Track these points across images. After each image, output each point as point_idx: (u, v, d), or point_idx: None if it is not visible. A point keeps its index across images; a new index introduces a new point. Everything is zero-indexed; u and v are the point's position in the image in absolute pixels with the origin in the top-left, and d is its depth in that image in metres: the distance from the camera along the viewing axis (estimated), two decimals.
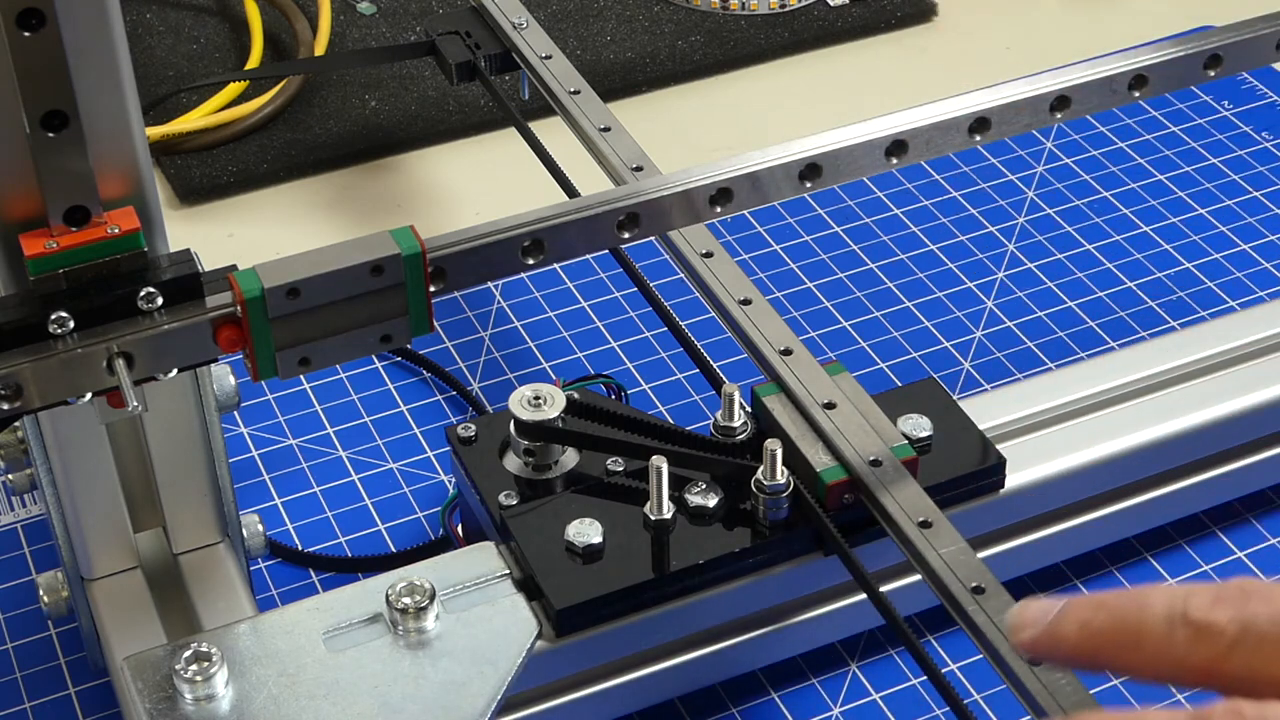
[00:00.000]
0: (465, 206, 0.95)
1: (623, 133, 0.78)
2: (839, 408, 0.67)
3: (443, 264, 0.57)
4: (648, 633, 0.65)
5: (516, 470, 0.68)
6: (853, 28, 1.08)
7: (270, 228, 0.94)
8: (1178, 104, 1.02)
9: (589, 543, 0.64)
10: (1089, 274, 0.90)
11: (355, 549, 0.76)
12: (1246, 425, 0.74)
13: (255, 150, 0.98)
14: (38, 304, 0.54)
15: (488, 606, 0.63)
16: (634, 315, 0.88)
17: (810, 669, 0.71)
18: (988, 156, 0.98)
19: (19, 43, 0.51)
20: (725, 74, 1.05)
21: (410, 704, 0.60)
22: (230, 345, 0.55)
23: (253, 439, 0.81)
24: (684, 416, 0.82)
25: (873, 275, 0.90)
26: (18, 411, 0.54)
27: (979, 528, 0.68)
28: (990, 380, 0.84)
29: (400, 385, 0.84)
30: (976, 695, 0.69)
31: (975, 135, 0.64)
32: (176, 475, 0.66)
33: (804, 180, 0.62)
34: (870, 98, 1.03)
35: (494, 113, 1.00)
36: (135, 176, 0.57)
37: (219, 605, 0.67)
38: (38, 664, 0.72)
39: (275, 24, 1.07)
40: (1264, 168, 0.97)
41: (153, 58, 1.05)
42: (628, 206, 0.60)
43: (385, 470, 0.80)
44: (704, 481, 0.66)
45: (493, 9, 0.87)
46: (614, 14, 1.08)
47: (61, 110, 0.53)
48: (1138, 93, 0.66)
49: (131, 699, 0.60)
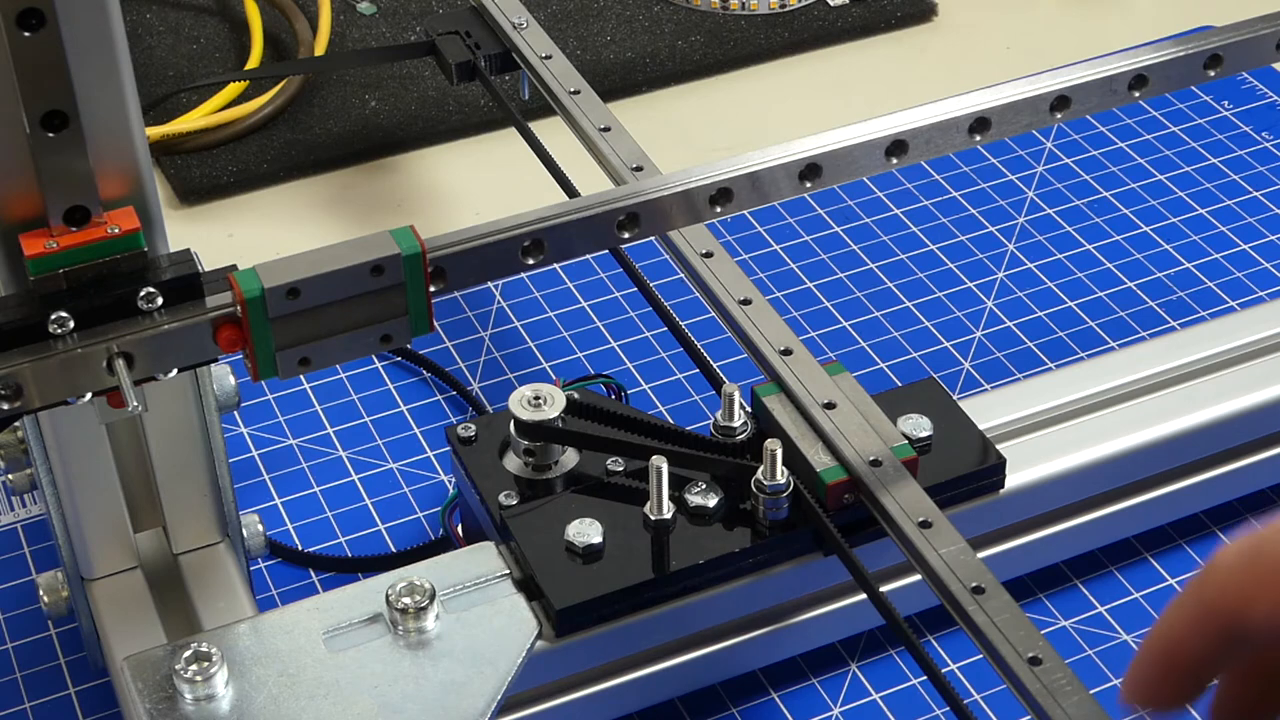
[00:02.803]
0: (465, 206, 0.95)
1: (623, 133, 0.78)
2: (839, 408, 0.67)
3: (443, 264, 0.57)
4: (648, 633, 0.65)
5: (516, 470, 0.68)
6: (853, 28, 1.08)
7: (270, 228, 0.94)
8: (1178, 104, 1.02)
9: (589, 543, 0.64)
10: (1089, 274, 0.90)
11: (355, 549, 0.76)
12: (1246, 425, 0.74)
13: (255, 150, 0.98)
14: (38, 304, 0.54)
15: (488, 606, 0.63)
16: (634, 315, 0.88)
17: (810, 669, 0.71)
18: (988, 156, 0.98)
19: (19, 43, 0.51)
20: (725, 74, 1.05)
21: (410, 704, 0.60)
22: (230, 345, 0.55)
23: (253, 439, 0.81)
24: (684, 416, 0.82)
25: (873, 275, 0.90)
26: (18, 411, 0.54)
27: (979, 528, 0.69)
28: (990, 380, 0.84)
29: (400, 385, 0.84)
30: (976, 695, 0.69)
31: (975, 135, 0.64)
32: (176, 475, 0.66)
33: (804, 180, 0.62)
34: (870, 98, 1.03)
35: (494, 113, 1.00)
36: (135, 176, 0.57)
37: (219, 605, 0.67)
38: (38, 664, 0.72)
39: (275, 24, 1.07)
40: (1264, 168, 0.97)
41: (153, 58, 1.05)
42: (628, 206, 0.60)
43: (385, 470, 0.80)
44: (704, 481, 0.66)
45: (493, 9, 0.87)
46: (614, 14, 1.08)
47: (61, 110, 0.53)
48: (1138, 93, 0.66)
49: (131, 699, 0.60)
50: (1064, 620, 0.72)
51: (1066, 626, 0.72)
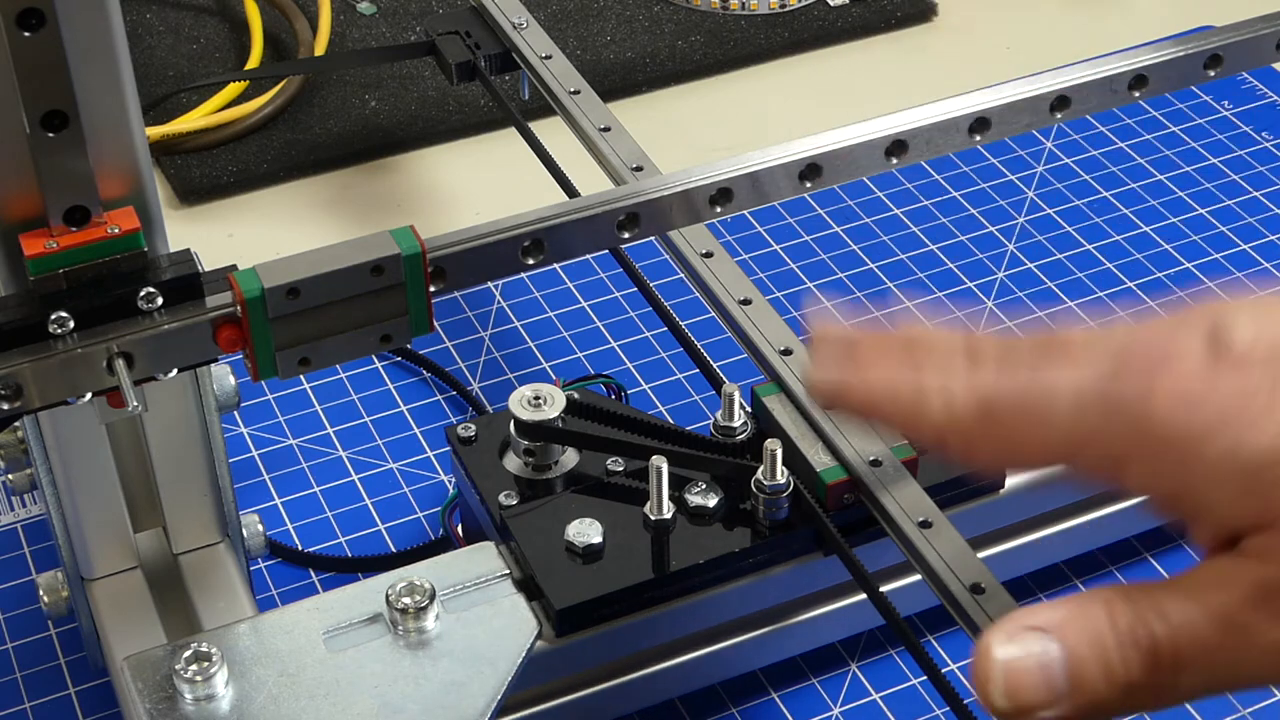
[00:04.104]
0: (465, 206, 0.95)
1: (623, 133, 0.78)
2: None
3: (443, 264, 0.57)
4: (648, 633, 0.65)
5: (516, 470, 0.68)
6: (853, 28, 1.08)
7: (270, 228, 0.94)
8: (1178, 104, 1.02)
9: (589, 543, 0.64)
10: (1089, 274, 0.90)
11: (355, 549, 0.76)
12: None
13: (255, 150, 0.98)
14: (38, 304, 0.54)
15: (488, 606, 0.63)
16: (634, 315, 0.88)
17: (810, 669, 0.71)
18: (988, 156, 0.98)
19: (19, 43, 0.51)
20: (725, 74, 1.05)
21: (410, 704, 0.60)
22: (230, 345, 0.55)
23: (253, 439, 0.81)
24: (684, 416, 0.82)
25: (873, 275, 0.90)
26: (18, 411, 0.54)
27: (979, 528, 0.68)
28: None
29: (400, 385, 0.84)
30: (977, 695, 0.69)
31: (975, 135, 0.64)
32: (176, 475, 0.66)
33: (804, 180, 0.62)
34: (870, 98, 1.03)
35: (494, 113, 1.00)
36: (135, 176, 0.57)
37: (219, 605, 0.67)
38: (38, 664, 0.72)
39: (275, 24, 1.07)
40: (1264, 168, 0.97)
41: (153, 58, 1.05)
42: (628, 206, 0.60)
43: (385, 470, 0.80)
44: (704, 481, 0.66)
45: (493, 9, 0.87)
46: (614, 14, 1.08)
47: (61, 110, 0.53)
48: (1138, 93, 0.66)
49: (131, 699, 0.60)
50: None
51: None
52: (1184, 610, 0.44)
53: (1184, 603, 0.45)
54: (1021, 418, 0.47)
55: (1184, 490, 0.45)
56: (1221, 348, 0.45)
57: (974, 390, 0.48)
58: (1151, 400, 0.45)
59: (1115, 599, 0.45)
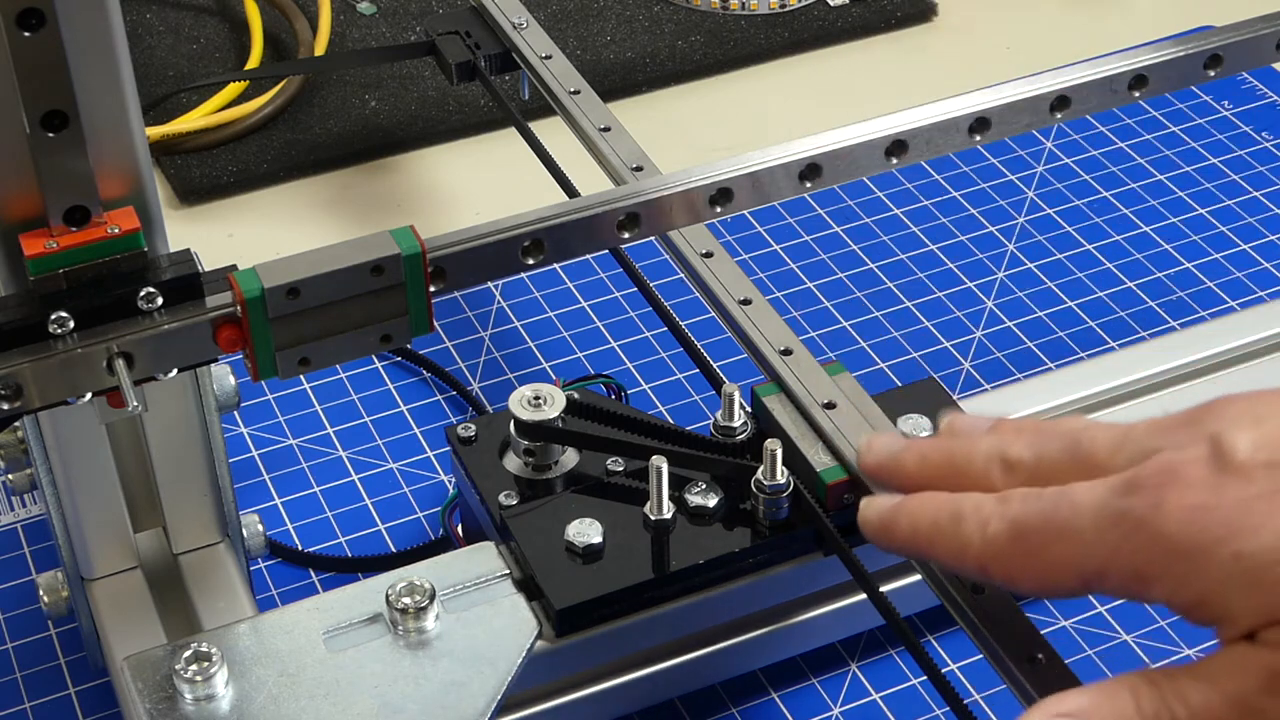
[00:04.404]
0: (465, 206, 0.95)
1: (623, 133, 0.78)
2: (839, 408, 0.67)
3: (443, 264, 0.57)
4: (648, 633, 0.65)
5: (516, 470, 0.68)
6: (853, 28, 1.08)
7: (270, 228, 0.94)
8: (1178, 104, 1.02)
9: (589, 543, 0.64)
10: (1089, 274, 0.90)
11: (355, 549, 0.76)
12: None
13: (255, 150, 0.98)
14: (38, 304, 0.54)
15: (488, 606, 0.63)
16: (634, 315, 0.88)
17: (810, 669, 0.71)
18: (988, 156, 0.98)
19: (19, 43, 0.51)
20: (725, 74, 1.05)
21: (410, 704, 0.60)
22: (230, 345, 0.55)
23: (253, 439, 0.81)
24: (684, 416, 0.82)
25: (873, 275, 0.90)
26: (18, 411, 0.54)
27: None
28: (990, 380, 0.84)
29: (400, 385, 0.84)
30: (976, 695, 0.69)
31: (975, 135, 0.64)
32: (176, 475, 0.66)
33: (804, 180, 0.62)
34: (870, 98, 1.03)
35: (494, 113, 1.00)
36: (135, 176, 0.57)
37: (219, 605, 0.67)
38: (38, 664, 0.72)
39: (275, 24, 1.07)
40: (1264, 168, 0.97)
41: (153, 58, 1.05)
42: (628, 206, 0.60)
43: (385, 470, 0.80)
44: (704, 481, 0.66)
45: (493, 9, 0.87)
46: (614, 14, 1.08)
47: (61, 110, 0.53)
48: (1138, 93, 0.66)
49: (131, 699, 0.60)
50: (1064, 620, 0.72)
51: (1066, 626, 0.72)
52: (1204, 695, 0.48)
53: (1203, 688, 0.48)
54: (1050, 536, 0.51)
55: (1203, 597, 0.48)
56: (1224, 458, 0.48)
57: (1004, 516, 0.52)
58: (1162, 513, 0.48)
59: (1140, 684, 0.49)
